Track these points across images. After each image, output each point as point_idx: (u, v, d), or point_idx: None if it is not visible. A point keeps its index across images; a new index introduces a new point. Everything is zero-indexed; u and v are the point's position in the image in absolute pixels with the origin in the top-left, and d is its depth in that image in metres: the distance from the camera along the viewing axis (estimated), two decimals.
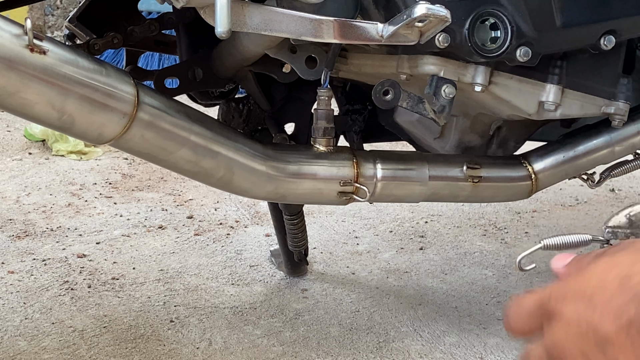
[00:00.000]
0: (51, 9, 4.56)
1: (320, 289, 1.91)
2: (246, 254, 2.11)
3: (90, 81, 1.04)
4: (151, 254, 2.09)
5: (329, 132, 1.23)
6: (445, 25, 0.97)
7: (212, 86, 1.44)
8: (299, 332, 1.70)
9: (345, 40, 1.01)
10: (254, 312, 1.78)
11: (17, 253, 2.07)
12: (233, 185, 1.21)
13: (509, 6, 1.06)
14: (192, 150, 1.14)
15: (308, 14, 1.00)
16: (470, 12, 1.04)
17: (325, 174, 1.23)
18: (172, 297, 1.83)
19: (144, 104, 1.09)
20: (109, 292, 1.85)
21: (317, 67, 1.20)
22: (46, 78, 1.01)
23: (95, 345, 1.61)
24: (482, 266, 2.06)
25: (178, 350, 1.60)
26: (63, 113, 1.03)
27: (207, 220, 2.36)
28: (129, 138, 1.10)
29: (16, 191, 2.59)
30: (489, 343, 1.69)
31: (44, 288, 1.86)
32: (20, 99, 1.00)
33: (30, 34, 0.98)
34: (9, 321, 1.69)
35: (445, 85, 1.08)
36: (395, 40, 0.99)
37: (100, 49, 1.34)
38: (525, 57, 1.07)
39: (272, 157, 1.22)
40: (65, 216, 2.37)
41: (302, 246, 1.80)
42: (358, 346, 1.65)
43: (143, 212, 2.43)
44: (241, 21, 0.98)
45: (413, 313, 1.80)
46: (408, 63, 1.15)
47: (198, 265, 2.02)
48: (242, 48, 1.24)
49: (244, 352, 1.61)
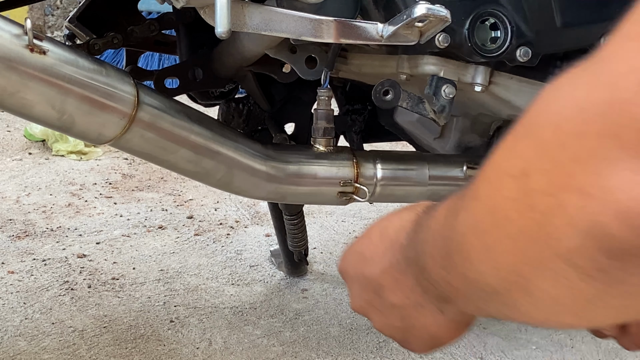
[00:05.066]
0: (51, 9, 4.56)
1: (320, 289, 1.91)
2: (246, 254, 2.11)
3: (90, 81, 1.04)
4: (151, 254, 2.09)
5: (329, 132, 1.23)
6: (445, 25, 0.97)
7: (212, 86, 1.44)
8: (299, 332, 1.70)
9: (345, 40, 1.01)
10: (254, 312, 1.78)
11: (17, 253, 2.07)
12: (233, 186, 1.21)
13: (509, 6, 1.06)
14: (192, 150, 1.14)
15: (308, 14, 1.00)
16: (470, 12, 1.04)
17: (325, 174, 1.23)
18: (172, 297, 1.83)
19: (144, 104, 1.09)
20: (109, 292, 1.85)
21: (317, 67, 1.20)
22: (46, 78, 1.01)
23: (95, 345, 1.61)
24: None
25: (178, 350, 1.60)
26: (63, 113, 1.03)
27: (207, 221, 2.36)
28: (129, 138, 1.10)
29: (16, 191, 2.59)
30: (489, 343, 1.69)
31: (44, 288, 1.86)
32: (20, 99, 1.00)
33: (30, 34, 0.98)
34: (9, 321, 1.69)
35: (445, 85, 1.08)
36: (395, 40, 0.99)
37: (100, 49, 1.34)
38: (525, 57, 1.07)
39: (272, 157, 1.22)
40: (65, 216, 2.37)
41: (302, 246, 1.80)
42: (358, 346, 1.65)
43: (143, 212, 2.43)
44: (241, 21, 0.98)
45: None
46: (408, 63, 1.15)
47: (198, 265, 2.02)
48: (242, 48, 1.24)
49: (244, 352, 1.61)
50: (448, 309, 0.65)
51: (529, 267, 0.48)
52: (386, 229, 0.71)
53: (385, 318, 0.72)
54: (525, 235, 0.47)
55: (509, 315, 0.54)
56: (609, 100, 0.41)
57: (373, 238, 0.72)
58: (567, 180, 0.44)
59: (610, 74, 0.42)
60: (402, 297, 0.68)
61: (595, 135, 0.42)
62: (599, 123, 0.42)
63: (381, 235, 0.71)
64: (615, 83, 0.41)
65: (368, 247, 0.72)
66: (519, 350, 1.67)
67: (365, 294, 0.73)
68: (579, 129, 0.43)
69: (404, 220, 0.69)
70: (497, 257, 0.50)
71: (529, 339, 1.71)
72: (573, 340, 1.71)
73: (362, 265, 0.72)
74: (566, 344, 1.70)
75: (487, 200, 0.50)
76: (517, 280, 0.49)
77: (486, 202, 0.50)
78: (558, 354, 1.66)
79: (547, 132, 0.45)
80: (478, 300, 0.56)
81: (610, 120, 0.41)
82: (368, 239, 0.73)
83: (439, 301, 0.64)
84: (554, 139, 0.44)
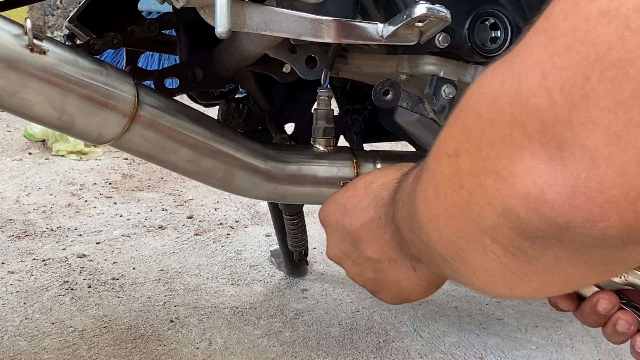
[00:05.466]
0: (51, 9, 4.56)
1: (320, 289, 1.91)
2: (246, 254, 2.11)
3: (90, 81, 1.04)
4: (151, 254, 2.09)
5: (329, 132, 1.23)
6: (445, 25, 0.97)
7: (212, 86, 1.44)
8: (299, 332, 1.70)
9: (345, 40, 1.01)
10: (254, 312, 1.78)
11: (17, 253, 2.07)
12: (233, 186, 1.21)
13: (509, 6, 1.06)
14: (192, 150, 1.14)
15: (308, 14, 1.00)
16: (470, 12, 1.04)
17: (325, 174, 1.23)
18: (172, 297, 1.83)
19: (144, 104, 1.09)
20: (109, 292, 1.85)
21: (317, 67, 1.20)
22: (46, 78, 1.01)
23: (95, 345, 1.61)
24: None
25: (178, 350, 1.60)
26: (63, 113, 1.03)
27: (207, 220, 2.36)
28: (129, 138, 1.10)
29: (16, 191, 2.59)
30: (489, 343, 1.69)
31: (44, 288, 1.86)
32: (20, 99, 1.00)
33: (30, 34, 0.98)
34: (9, 321, 1.69)
35: (445, 85, 1.08)
36: (395, 40, 0.99)
37: (100, 49, 1.34)
38: None
39: (272, 157, 1.22)
40: (65, 216, 2.37)
41: (302, 246, 1.80)
42: (358, 346, 1.65)
43: (143, 212, 2.43)
44: (241, 21, 0.98)
45: (413, 313, 1.80)
46: (408, 63, 1.15)
47: (198, 265, 2.02)
48: (242, 48, 1.24)
49: (244, 352, 1.61)
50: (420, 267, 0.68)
51: (463, 241, 0.51)
52: (371, 183, 0.73)
53: (359, 269, 0.74)
54: (458, 211, 0.50)
55: (460, 281, 0.57)
56: (516, 91, 0.43)
57: (357, 191, 0.74)
58: (486, 163, 0.46)
59: (519, 66, 0.44)
60: (377, 251, 0.70)
61: (506, 124, 0.44)
62: (508, 112, 0.44)
63: (365, 190, 0.73)
64: (521, 75, 0.43)
65: (351, 199, 0.74)
66: (519, 350, 1.67)
67: (343, 244, 0.75)
68: (493, 116, 0.45)
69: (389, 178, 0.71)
70: (440, 229, 0.53)
71: (528, 339, 1.71)
72: (573, 340, 1.71)
73: (343, 216, 0.74)
74: (566, 344, 1.70)
75: (432, 174, 0.53)
76: (457, 251, 0.53)
77: (432, 177, 0.53)
78: (558, 354, 1.66)
79: (471, 117, 0.47)
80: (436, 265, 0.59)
81: (517, 110, 0.43)
82: (352, 191, 0.75)
83: (411, 259, 0.66)
84: (476, 124, 0.47)
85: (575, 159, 0.41)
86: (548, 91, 0.41)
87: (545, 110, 0.41)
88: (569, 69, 0.40)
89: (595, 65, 0.39)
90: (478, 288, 0.55)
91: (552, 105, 0.41)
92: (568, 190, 0.41)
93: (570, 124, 0.40)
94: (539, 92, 0.42)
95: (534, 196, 0.43)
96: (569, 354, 1.66)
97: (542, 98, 0.41)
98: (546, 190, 0.42)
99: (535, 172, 0.43)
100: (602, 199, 0.40)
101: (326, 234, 0.78)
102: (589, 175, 0.40)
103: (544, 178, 0.42)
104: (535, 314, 1.82)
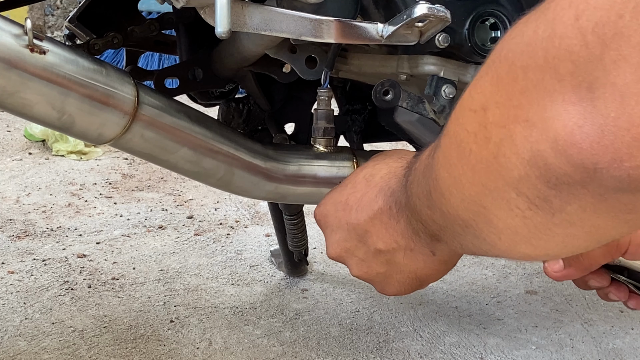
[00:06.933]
0: (51, 9, 4.56)
1: (320, 289, 1.91)
2: (246, 254, 2.11)
3: (90, 81, 1.04)
4: (151, 254, 2.09)
5: (329, 132, 1.23)
6: (445, 25, 0.97)
7: (212, 86, 1.44)
8: (299, 332, 1.70)
9: (345, 40, 1.01)
10: (254, 312, 1.78)
11: (17, 253, 2.07)
12: (233, 186, 1.21)
13: (509, 6, 1.06)
14: (192, 150, 1.14)
15: (308, 14, 1.00)
16: (470, 12, 1.04)
17: (325, 174, 1.23)
18: (172, 297, 1.83)
19: (144, 104, 1.09)
20: (109, 292, 1.85)
21: (317, 67, 1.20)
22: (46, 78, 1.01)
23: (95, 345, 1.61)
24: (482, 266, 2.06)
25: (178, 350, 1.61)
26: (63, 113, 1.03)
27: (207, 220, 2.36)
28: (129, 138, 1.10)
29: (16, 191, 2.59)
30: (489, 343, 1.69)
31: (44, 288, 1.86)
32: (20, 99, 1.00)
33: (30, 34, 0.98)
34: (9, 321, 1.69)
35: (445, 85, 1.08)
36: (395, 40, 0.99)
37: (100, 49, 1.34)
38: None
39: (272, 157, 1.22)
40: (65, 216, 2.37)
41: (302, 246, 1.80)
42: (358, 346, 1.65)
43: (143, 212, 2.43)
44: (241, 21, 0.98)
45: (413, 313, 1.80)
46: (408, 63, 1.15)
47: (198, 265, 2.02)
48: (242, 48, 1.24)
49: (244, 352, 1.61)
50: (439, 249, 0.67)
51: (488, 198, 0.51)
52: (372, 176, 0.73)
53: (367, 265, 0.74)
54: (484, 166, 0.49)
55: (481, 247, 0.57)
56: (550, 35, 0.43)
57: (358, 186, 0.73)
58: (516, 112, 0.46)
59: (553, 11, 0.44)
60: (390, 242, 0.69)
61: (539, 68, 0.44)
62: (542, 57, 0.44)
63: (367, 183, 0.72)
64: (555, 19, 0.43)
65: (353, 195, 0.73)
66: (519, 350, 1.67)
67: (347, 242, 0.74)
68: (526, 63, 0.45)
69: (392, 167, 0.71)
70: (463, 189, 0.53)
71: (528, 339, 1.71)
72: (573, 340, 1.71)
73: (346, 214, 0.73)
74: (566, 344, 1.70)
75: (454, 135, 0.53)
76: (480, 211, 0.52)
77: (453, 137, 0.53)
78: (558, 354, 1.66)
79: (503, 67, 0.47)
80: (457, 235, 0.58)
81: (550, 53, 0.43)
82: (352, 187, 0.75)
83: (431, 240, 0.66)
84: (508, 73, 0.46)
85: (605, 99, 0.40)
86: (581, 31, 0.41)
87: (577, 52, 0.41)
88: (602, 7, 0.40)
89: (628, 2, 0.39)
90: (501, 250, 0.55)
91: (585, 46, 0.41)
92: (597, 130, 0.41)
93: (601, 63, 0.40)
94: (572, 33, 0.41)
95: (563, 138, 0.42)
96: (569, 354, 1.66)
97: (575, 39, 0.41)
98: (575, 132, 0.42)
99: (565, 114, 0.42)
100: (630, 137, 0.40)
101: (325, 234, 0.78)
102: (617, 113, 0.40)
103: (573, 120, 0.42)
104: (535, 314, 1.82)
